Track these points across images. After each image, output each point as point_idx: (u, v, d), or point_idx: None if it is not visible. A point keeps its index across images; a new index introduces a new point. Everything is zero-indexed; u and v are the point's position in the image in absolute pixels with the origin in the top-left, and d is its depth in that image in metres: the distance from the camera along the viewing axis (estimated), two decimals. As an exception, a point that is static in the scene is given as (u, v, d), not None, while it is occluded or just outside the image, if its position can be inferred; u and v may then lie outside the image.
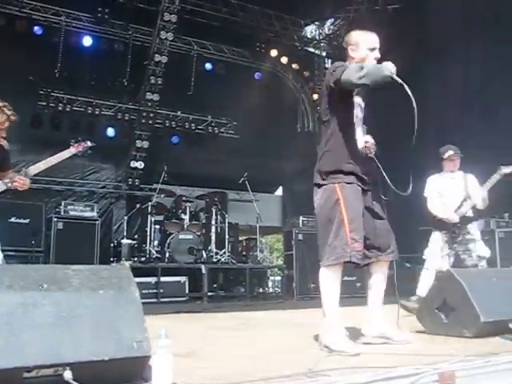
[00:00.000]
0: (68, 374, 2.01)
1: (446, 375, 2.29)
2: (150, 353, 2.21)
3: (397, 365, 2.47)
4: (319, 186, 3.68)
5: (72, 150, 4.34)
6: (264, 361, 2.90)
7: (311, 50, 15.32)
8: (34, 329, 2.08)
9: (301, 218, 10.16)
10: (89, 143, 4.44)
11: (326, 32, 14.93)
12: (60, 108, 11.52)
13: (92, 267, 2.46)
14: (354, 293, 9.99)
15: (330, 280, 3.54)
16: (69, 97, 11.66)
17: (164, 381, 2.09)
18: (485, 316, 3.58)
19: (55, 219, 9.28)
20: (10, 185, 4.10)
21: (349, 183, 3.60)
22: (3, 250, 4.19)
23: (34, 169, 4.24)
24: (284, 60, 14.18)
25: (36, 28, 11.29)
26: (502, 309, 3.76)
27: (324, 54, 15.39)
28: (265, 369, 2.60)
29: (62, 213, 9.55)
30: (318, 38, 15.05)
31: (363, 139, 3.77)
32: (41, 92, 11.29)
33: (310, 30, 15.10)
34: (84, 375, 2.05)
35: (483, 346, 3.24)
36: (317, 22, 14.90)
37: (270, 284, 11.84)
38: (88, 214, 9.77)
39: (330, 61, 15.44)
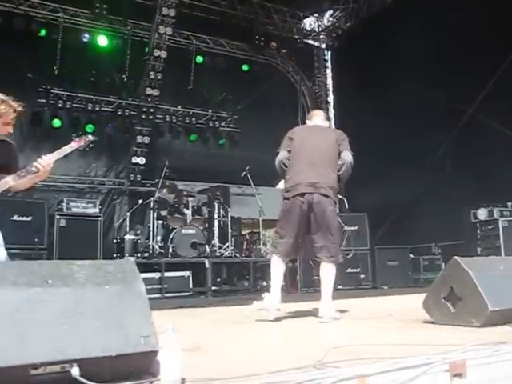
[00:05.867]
0: (75, 371, 1.99)
1: (457, 364, 2.27)
2: (157, 347, 2.18)
3: (406, 355, 2.44)
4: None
5: (73, 145, 4.25)
6: (271, 353, 2.88)
7: (310, 42, 15.25)
8: (39, 325, 2.05)
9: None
10: (90, 137, 4.35)
11: (325, 24, 14.85)
12: (60, 105, 11.48)
13: (97, 262, 2.43)
14: (357, 284, 10.02)
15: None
16: (68, 93, 11.62)
17: (172, 375, 2.07)
18: (492, 305, 3.55)
19: (58, 216, 9.26)
20: (32, 169, 3.93)
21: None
22: (6, 248, 4.15)
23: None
24: (283, 53, 14.10)
25: (34, 25, 11.20)
26: (509, 297, 3.74)
27: (323, 45, 15.32)
28: (273, 361, 2.58)
29: (65, 210, 9.53)
30: (317, 30, 14.98)
31: None
32: (40, 89, 11.25)
33: (309, 23, 15.01)
34: (91, 371, 2.02)
35: (492, 334, 3.21)
36: (316, 14, 14.80)
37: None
38: (90, 211, 9.74)
39: (329, 53, 15.38)
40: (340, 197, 5.00)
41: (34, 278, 2.19)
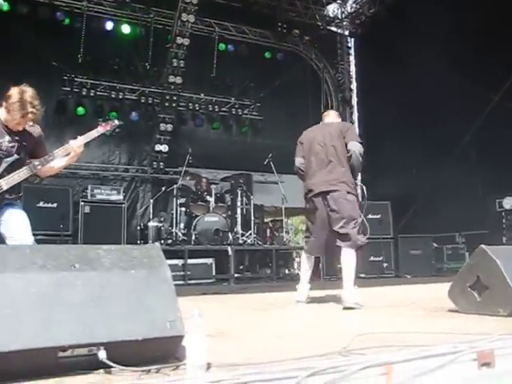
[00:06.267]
0: (102, 354, 2.02)
1: (485, 353, 2.23)
2: (183, 332, 2.19)
3: (432, 343, 2.42)
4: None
5: (100, 130, 4.28)
6: (295, 340, 2.88)
7: (333, 29, 15.08)
8: (67, 309, 2.08)
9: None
10: (117, 122, 4.38)
11: (349, 10, 14.66)
12: (84, 93, 11.58)
13: (123, 247, 2.45)
14: (380, 273, 9.98)
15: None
16: (92, 81, 11.71)
17: (198, 360, 2.08)
18: (520, 294, 3.49)
19: (82, 203, 9.38)
20: (59, 152, 3.94)
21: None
22: (33, 235, 4.20)
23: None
24: (306, 40, 14.00)
25: (58, 14, 11.31)
26: (537, 286, 3.67)
27: (347, 32, 15.14)
28: (296, 348, 2.58)
29: (89, 196, 9.64)
30: (340, 16, 14.80)
31: None
32: (64, 77, 11.36)
33: (332, 9, 14.83)
34: (118, 355, 2.04)
35: (519, 324, 3.17)
36: (339, 1, 14.62)
37: (295, 265, 11.80)
38: (114, 198, 9.84)
39: (352, 40, 15.20)
40: (359, 184, 5.10)
41: (62, 262, 2.22)
